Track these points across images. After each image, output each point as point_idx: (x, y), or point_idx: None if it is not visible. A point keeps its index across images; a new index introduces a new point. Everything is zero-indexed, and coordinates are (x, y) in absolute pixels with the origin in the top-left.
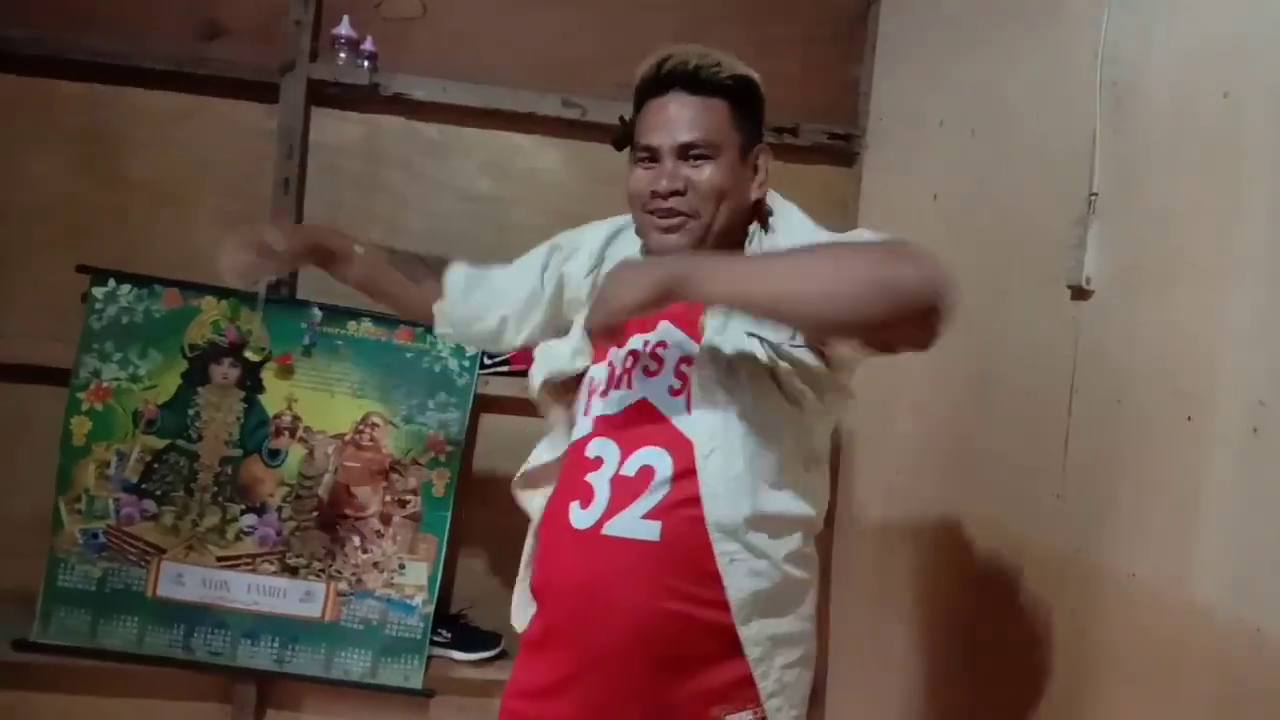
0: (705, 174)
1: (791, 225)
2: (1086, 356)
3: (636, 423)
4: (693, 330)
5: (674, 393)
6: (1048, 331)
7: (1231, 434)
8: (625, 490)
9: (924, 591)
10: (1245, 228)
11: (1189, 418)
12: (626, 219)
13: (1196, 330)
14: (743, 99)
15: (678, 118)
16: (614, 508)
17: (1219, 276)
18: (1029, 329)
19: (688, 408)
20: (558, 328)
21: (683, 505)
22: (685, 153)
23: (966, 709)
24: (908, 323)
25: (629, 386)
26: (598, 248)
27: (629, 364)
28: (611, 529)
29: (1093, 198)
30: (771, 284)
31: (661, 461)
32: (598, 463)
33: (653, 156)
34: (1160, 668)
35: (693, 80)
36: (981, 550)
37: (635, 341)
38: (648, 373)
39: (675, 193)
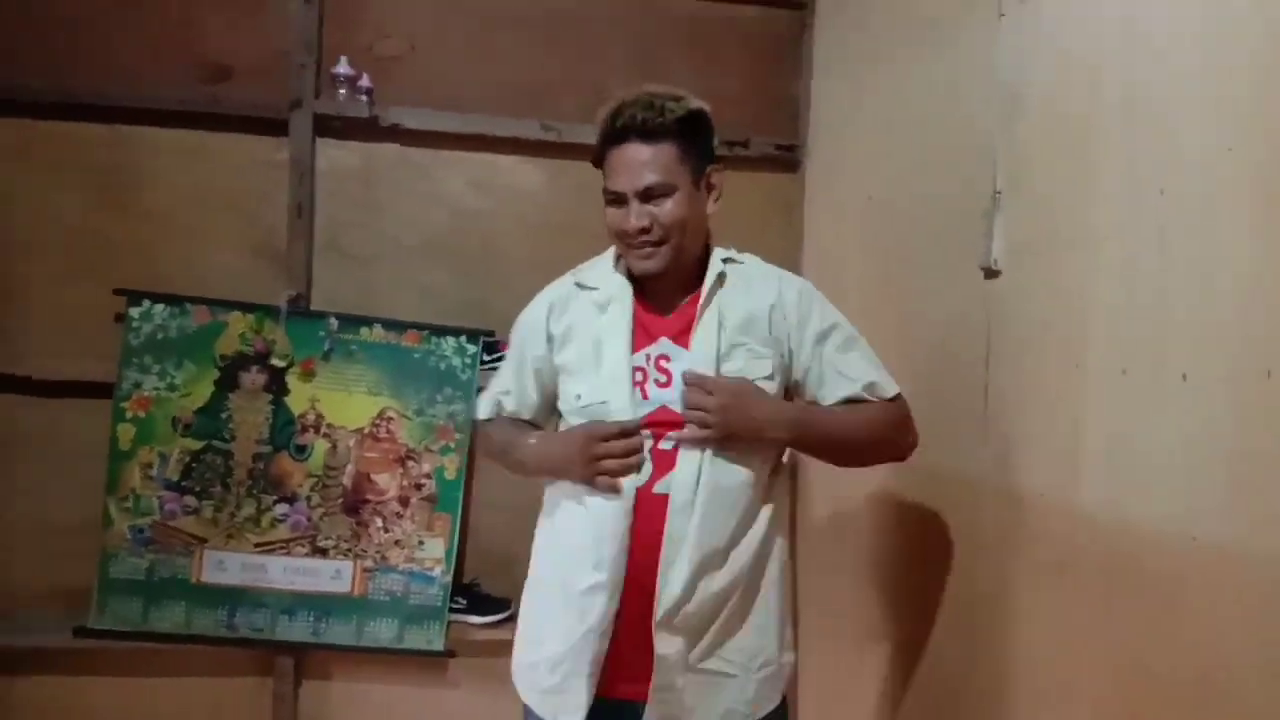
0: (666, 209)
1: (751, 270)
2: (997, 324)
3: (660, 421)
4: (684, 343)
5: None
6: (966, 306)
7: (1107, 374)
8: (664, 460)
9: (874, 523)
10: (1104, 208)
11: (1076, 365)
12: (561, 286)
13: (1075, 292)
14: (689, 134)
15: (635, 165)
16: (658, 473)
17: (1088, 248)
18: (951, 305)
19: None
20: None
21: None
22: (647, 195)
23: (913, 604)
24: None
25: (645, 397)
26: (543, 326)
27: (639, 379)
28: (659, 489)
29: (997, 195)
30: (832, 442)
31: None
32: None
33: (620, 199)
34: (1060, 558)
35: (643, 130)
36: (919, 488)
37: (638, 358)
38: (659, 385)
39: (643, 230)
